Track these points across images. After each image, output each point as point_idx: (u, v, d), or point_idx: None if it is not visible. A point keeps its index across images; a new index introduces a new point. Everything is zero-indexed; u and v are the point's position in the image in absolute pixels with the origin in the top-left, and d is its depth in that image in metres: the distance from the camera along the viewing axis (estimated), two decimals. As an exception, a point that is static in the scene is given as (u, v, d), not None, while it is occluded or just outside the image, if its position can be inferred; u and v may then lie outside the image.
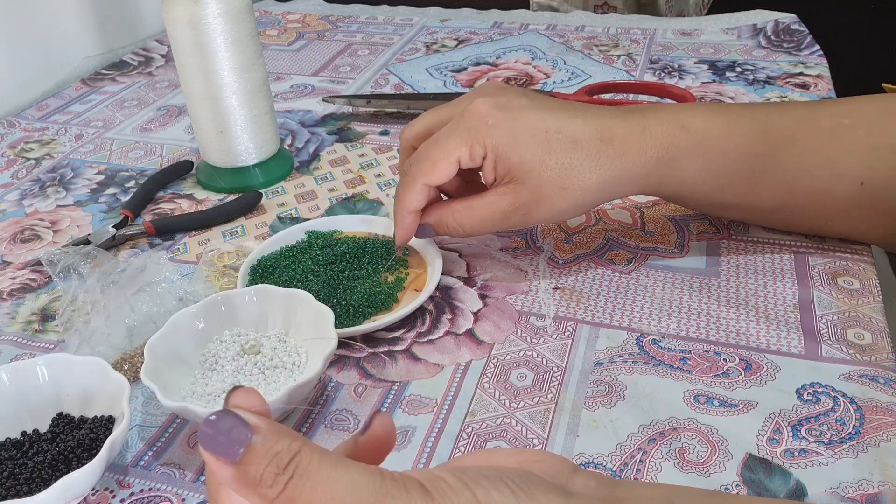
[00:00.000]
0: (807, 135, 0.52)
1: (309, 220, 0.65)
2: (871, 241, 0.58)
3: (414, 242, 0.60)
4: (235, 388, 0.26)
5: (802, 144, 0.52)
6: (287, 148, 0.79)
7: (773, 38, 0.95)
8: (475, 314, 0.55)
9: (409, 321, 0.54)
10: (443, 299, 0.56)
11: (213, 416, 0.24)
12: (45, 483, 0.42)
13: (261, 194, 0.69)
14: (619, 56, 0.95)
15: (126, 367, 0.51)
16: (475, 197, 0.53)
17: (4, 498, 0.41)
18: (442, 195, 0.57)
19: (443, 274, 0.57)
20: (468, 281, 0.58)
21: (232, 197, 0.71)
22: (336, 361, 0.52)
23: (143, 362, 0.46)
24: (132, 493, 0.44)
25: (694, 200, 0.56)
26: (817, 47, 0.92)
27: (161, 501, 0.43)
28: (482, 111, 0.51)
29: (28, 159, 0.80)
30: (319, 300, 0.51)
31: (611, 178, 0.51)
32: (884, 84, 0.70)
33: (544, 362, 0.50)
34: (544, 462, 0.29)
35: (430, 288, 0.55)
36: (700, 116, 0.52)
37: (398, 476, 0.25)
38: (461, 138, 0.51)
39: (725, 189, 0.53)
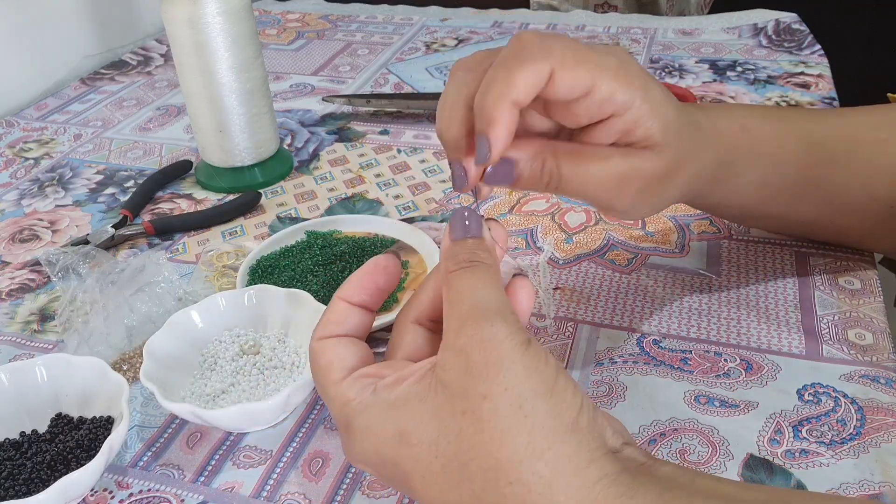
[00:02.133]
0: (847, 151, 0.50)
1: (308, 219, 0.65)
2: (890, 254, 0.57)
3: (414, 243, 0.60)
4: (495, 220, 0.36)
5: (844, 160, 0.50)
6: (286, 148, 0.79)
7: (773, 37, 0.95)
8: (475, 314, 0.55)
9: (408, 321, 0.54)
10: (443, 299, 0.56)
11: (470, 212, 0.34)
12: (44, 483, 0.42)
13: (260, 194, 0.69)
14: (619, 55, 0.94)
15: (125, 368, 0.51)
16: (589, 146, 0.40)
17: (3, 499, 0.41)
18: None
19: (443, 274, 0.57)
20: (468, 281, 0.58)
21: (231, 197, 0.70)
22: (336, 362, 0.51)
23: (142, 363, 0.46)
24: (131, 494, 0.44)
25: (736, 209, 0.52)
26: (818, 47, 0.92)
27: (160, 502, 0.43)
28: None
29: (27, 159, 0.80)
30: (319, 300, 0.51)
31: (699, 171, 0.43)
32: (889, 94, 0.70)
33: (544, 362, 0.50)
34: (615, 420, 0.34)
35: (429, 288, 0.55)
36: (755, 118, 0.48)
37: (517, 319, 0.32)
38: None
39: (769, 201, 0.50)
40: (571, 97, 0.36)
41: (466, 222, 0.34)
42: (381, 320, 0.52)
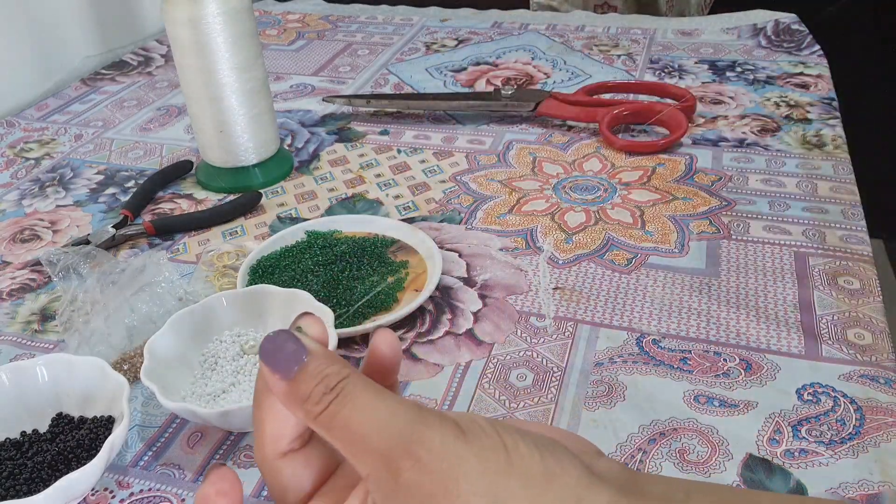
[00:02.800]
0: None
1: (309, 220, 0.65)
2: None
3: (414, 243, 0.60)
4: (305, 313, 0.28)
5: None
6: (287, 148, 0.79)
7: (773, 37, 0.95)
8: (475, 314, 0.55)
9: (408, 321, 0.54)
10: (443, 299, 0.56)
11: (275, 334, 0.27)
12: (45, 483, 0.42)
13: (260, 194, 0.69)
14: (619, 56, 0.94)
15: (126, 368, 0.51)
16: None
17: (4, 498, 0.41)
18: None
19: (443, 274, 0.57)
20: (468, 281, 0.58)
21: (231, 197, 0.70)
22: (336, 361, 0.51)
23: (142, 362, 0.46)
24: (132, 494, 0.44)
25: None
26: (817, 47, 0.92)
27: (161, 502, 0.43)
28: None
29: (28, 159, 0.80)
30: (319, 300, 0.51)
31: None
32: None
33: (544, 362, 0.50)
34: (571, 439, 0.30)
35: (429, 288, 0.55)
36: None
37: (434, 411, 0.26)
38: None
39: None
40: None
41: (282, 354, 0.27)
42: (382, 320, 0.52)
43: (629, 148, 0.73)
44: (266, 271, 0.58)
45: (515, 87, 0.83)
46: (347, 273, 0.57)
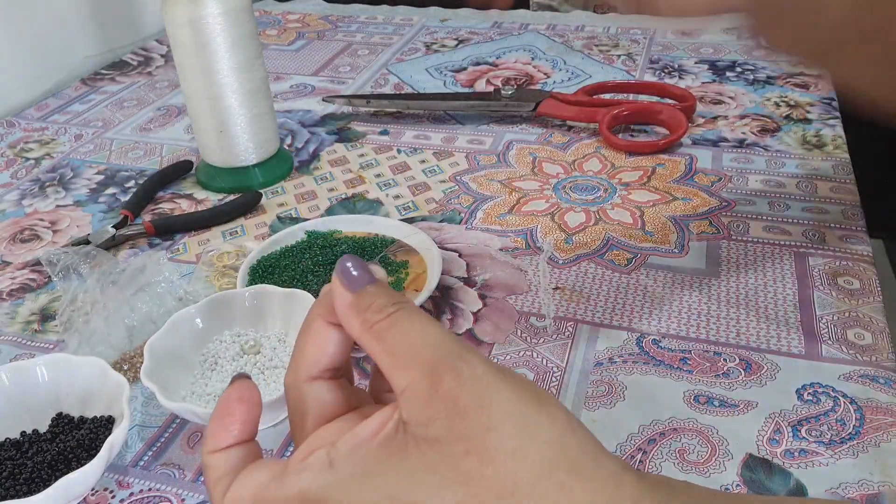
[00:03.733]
0: None
1: (309, 220, 0.65)
2: None
3: (414, 243, 0.60)
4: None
5: None
6: (287, 148, 0.79)
7: (773, 37, 0.95)
8: (475, 314, 0.55)
9: (408, 321, 0.54)
10: (443, 299, 0.56)
11: (351, 258, 0.31)
12: (45, 483, 0.42)
13: (260, 194, 0.69)
14: (619, 56, 0.94)
15: (126, 368, 0.51)
16: None
17: (4, 498, 0.41)
18: None
19: (443, 274, 0.57)
20: (468, 281, 0.58)
21: (231, 197, 0.70)
22: (336, 361, 0.51)
23: (142, 362, 0.46)
24: (132, 494, 0.44)
25: None
26: (817, 47, 0.91)
27: (161, 502, 0.43)
28: None
29: (28, 159, 0.80)
30: (319, 300, 0.51)
31: None
32: None
33: (544, 362, 0.50)
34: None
35: (429, 288, 0.55)
36: None
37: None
38: None
39: None
40: None
41: (356, 273, 0.31)
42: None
43: (629, 148, 0.73)
44: (266, 271, 0.58)
45: (515, 87, 0.83)
46: (347, 273, 0.57)
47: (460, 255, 0.61)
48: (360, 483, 0.29)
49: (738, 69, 0.88)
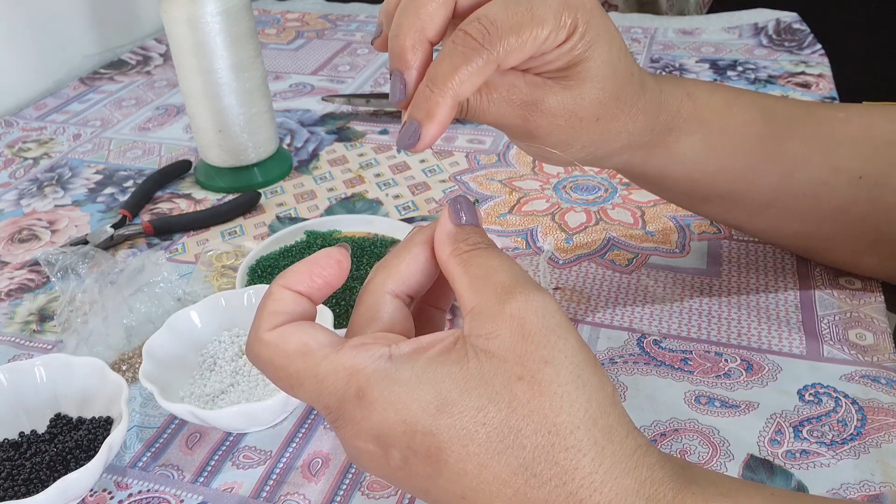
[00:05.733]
0: (805, 123, 0.49)
1: (308, 219, 0.64)
2: (862, 268, 0.54)
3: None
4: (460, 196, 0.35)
5: (802, 131, 0.48)
6: (286, 147, 0.78)
7: (774, 37, 0.95)
8: (475, 314, 0.55)
9: (408, 321, 0.54)
10: (442, 299, 0.56)
11: (463, 198, 0.34)
12: (43, 484, 0.42)
13: (259, 194, 0.69)
14: (619, 55, 0.94)
15: (124, 368, 0.51)
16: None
17: (2, 499, 0.41)
18: None
19: (442, 274, 0.57)
20: (468, 281, 0.58)
21: (230, 197, 0.70)
22: (335, 362, 0.51)
23: (141, 363, 0.46)
24: (130, 494, 0.44)
25: (681, 184, 0.48)
26: (819, 46, 0.91)
27: (159, 502, 0.43)
28: None
29: (26, 159, 0.80)
30: (318, 300, 0.50)
31: (633, 131, 0.43)
32: (865, 102, 0.70)
33: (544, 363, 0.50)
34: None
35: (429, 288, 0.54)
36: (703, 88, 0.47)
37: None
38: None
39: (717, 174, 0.47)
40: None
41: (464, 212, 0.34)
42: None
43: (629, 147, 0.73)
44: (265, 271, 0.57)
45: (515, 86, 0.83)
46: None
47: (460, 255, 0.60)
48: (412, 381, 0.30)
49: (740, 68, 0.88)
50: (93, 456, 0.42)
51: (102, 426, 0.45)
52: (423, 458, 0.29)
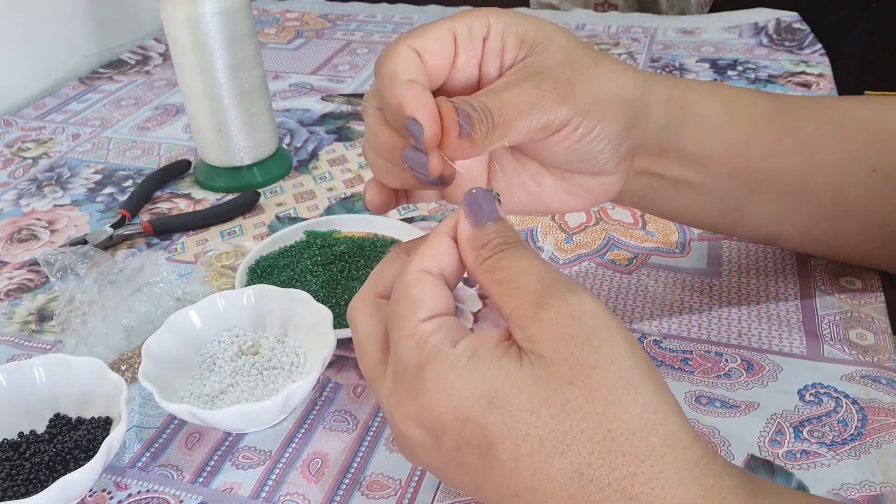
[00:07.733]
0: (814, 108, 0.48)
1: (307, 219, 0.64)
2: (879, 261, 0.53)
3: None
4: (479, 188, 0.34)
5: (812, 116, 0.47)
6: (285, 147, 0.78)
7: (774, 36, 0.95)
8: (475, 314, 0.54)
9: (408, 321, 0.54)
10: (442, 299, 0.56)
11: (481, 192, 0.33)
12: (43, 484, 0.41)
13: (259, 194, 0.69)
14: (620, 55, 0.94)
15: (124, 368, 0.51)
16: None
17: (2, 499, 0.41)
18: None
19: (442, 274, 0.57)
20: (468, 281, 0.58)
21: (230, 196, 0.70)
22: (335, 362, 0.51)
23: (140, 363, 0.46)
24: (130, 495, 0.43)
25: (708, 165, 0.44)
26: (819, 46, 0.91)
27: (159, 502, 0.43)
28: None
29: (25, 158, 0.80)
30: (318, 300, 0.50)
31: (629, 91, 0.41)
32: (866, 92, 0.69)
33: (544, 363, 0.50)
34: None
35: (429, 288, 0.54)
36: (700, 84, 0.46)
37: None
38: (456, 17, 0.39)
39: (749, 141, 0.44)
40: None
41: (482, 209, 0.33)
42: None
43: (629, 147, 0.73)
44: (265, 271, 0.57)
45: (515, 86, 0.83)
46: (346, 273, 0.57)
47: (460, 255, 0.60)
48: (467, 370, 0.30)
49: (740, 67, 0.88)
50: (92, 456, 0.42)
51: (102, 426, 0.45)
52: (476, 448, 0.30)
